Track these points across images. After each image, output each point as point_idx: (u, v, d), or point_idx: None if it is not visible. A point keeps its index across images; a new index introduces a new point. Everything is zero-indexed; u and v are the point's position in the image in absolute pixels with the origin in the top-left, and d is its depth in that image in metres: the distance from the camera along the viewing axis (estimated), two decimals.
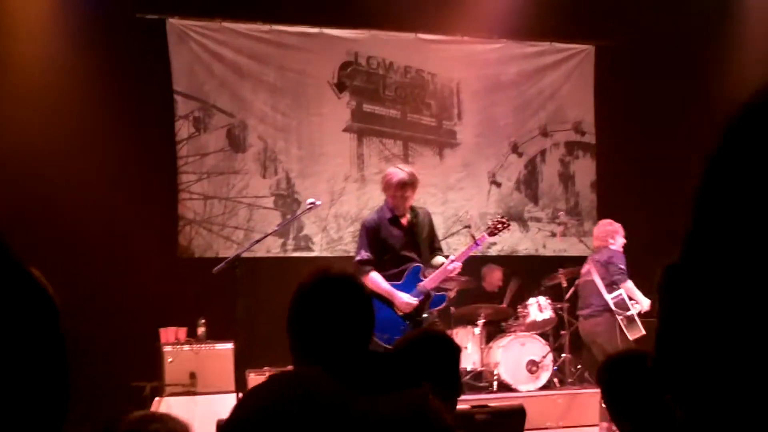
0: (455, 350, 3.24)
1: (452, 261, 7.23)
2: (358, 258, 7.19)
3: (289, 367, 2.67)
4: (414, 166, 11.05)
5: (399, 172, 7.23)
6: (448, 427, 2.48)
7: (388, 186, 7.21)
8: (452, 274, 7.36)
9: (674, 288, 1.76)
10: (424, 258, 7.23)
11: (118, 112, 9.72)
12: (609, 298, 8.79)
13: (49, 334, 2.63)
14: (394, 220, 7.21)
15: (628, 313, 8.72)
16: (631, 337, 8.67)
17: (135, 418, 2.93)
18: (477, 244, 7.54)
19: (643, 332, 8.63)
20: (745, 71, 11.28)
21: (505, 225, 7.71)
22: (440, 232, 10.53)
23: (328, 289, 2.61)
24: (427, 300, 7.18)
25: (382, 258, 7.13)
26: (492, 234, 7.67)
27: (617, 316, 8.72)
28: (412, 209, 7.33)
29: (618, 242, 9.10)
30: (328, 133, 10.97)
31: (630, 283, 8.93)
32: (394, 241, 7.16)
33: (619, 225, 9.21)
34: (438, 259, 7.32)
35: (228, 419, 2.45)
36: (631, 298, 8.94)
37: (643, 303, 8.86)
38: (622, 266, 9.05)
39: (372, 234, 7.18)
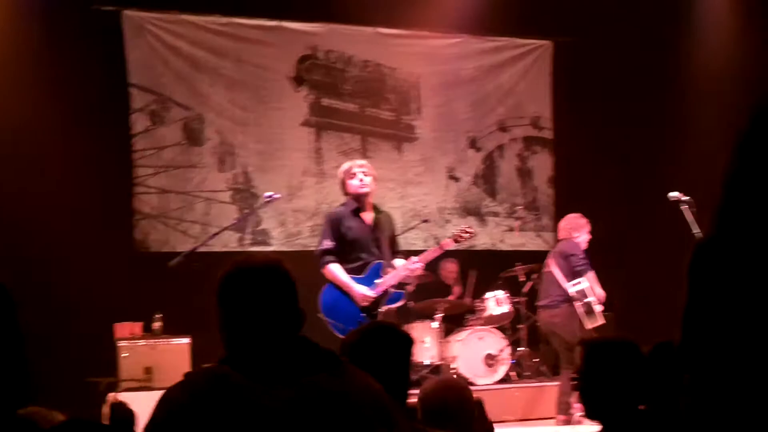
0: (407, 342, 3.23)
1: (414, 261, 7.34)
2: (320, 247, 7.26)
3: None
4: (373, 160, 11.04)
5: (348, 162, 7.54)
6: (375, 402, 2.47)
7: (346, 174, 7.34)
8: (413, 274, 7.44)
9: (705, 264, 1.76)
10: (385, 256, 7.30)
11: (72, 104, 9.59)
12: (569, 286, 8.82)
13: (6, 328, 2.57)
14: (357, 212, 7.30)
15: (587, 300, 8.75)
16: (589, 326, 8.70)
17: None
18: (441, 249, 7.68)
19: (602, 322, 8.66)
20: (702, 67, 11.40)
21: (471, 235, 7.88)
22: (398, 227, 10.57)
23: (243, 278, 2.57)
24: (385, 296, 7.22)
25: (344, 249, 7.17)
26: (456, 241, 7.75)
27: (576, 304, 8.75)
28: (376, 208, 7.40)
29: (582, 237, 9.12)
30: (287, 127, 10.92)
31: (592, 274, 8.97)
32: (357, 233, 7.24)
33: (587, 221, 9.22)
34: (396, 261, 7.37)
35: (147, 422, 2.40)
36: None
37: (600, 295, 8.90)
38: (583, 257, 9.09)
39: (335, 224, 7.30)
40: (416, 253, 10.63)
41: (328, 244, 7.22)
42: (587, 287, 8.79)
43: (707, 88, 11.35)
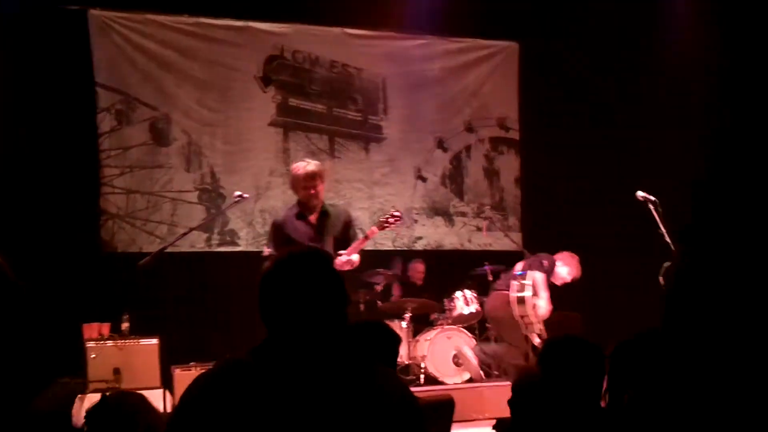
0: (395, 340, 3.25)
1: (341, 254, 7.30)
2: (264, 254, 7.28)
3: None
4: (340, 160, 11.13)
5: (304, 164, 7.41)
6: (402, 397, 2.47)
7: (296, 180, 7.35)
8: (344, 268, 7.32)
9: (681, 275, 1.86)
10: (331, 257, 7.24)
11: (38, 103, 9.54)
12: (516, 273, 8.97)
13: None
14: (301, 216, 7.33)
15: (522, 294, 8.86)
16: (517, 312, 8.83)
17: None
18: (367, 237, 7.55)
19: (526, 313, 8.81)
20: (667, 68, 11.51)
21: (397, 218, 7.75)
22: (366, 227, 10.58)
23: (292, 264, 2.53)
24: None
25: None
26: (381, 228, 7.70)
27: (511, 291, 8.87)
28: (323, 208, 7.38)
29: (560, 273, 9.26)
30: (254, 127, 10.89)
31: (542, 279, 9.03)
32: (299, 236, 7.24)
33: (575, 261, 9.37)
34: (339, 259, 7.34)
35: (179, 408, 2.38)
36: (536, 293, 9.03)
37: (542, 307, 8.96)
38: (546, 262, 9.16)
39: (277, 230, 7.34)
40: (386, 253, 10.73)
41: (267, 251, 7.30)
42: (533, 286, 8.90)
43: (672, 89, 11.48)
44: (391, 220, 7.69)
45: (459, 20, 11.42)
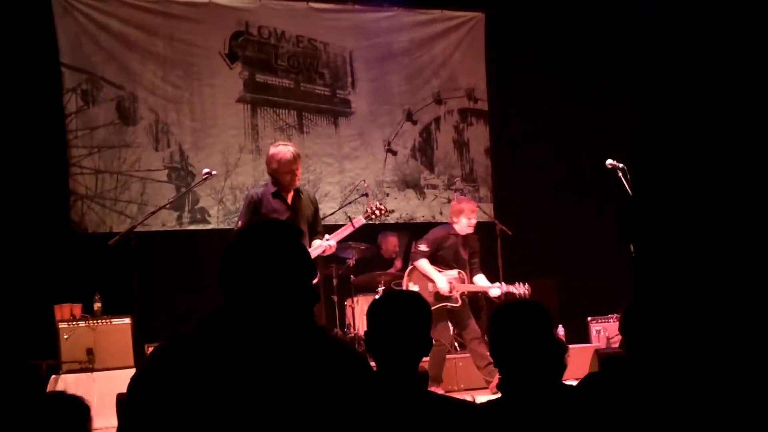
0: (427, 310, 3.27)
1: (327, 239, 7.42)
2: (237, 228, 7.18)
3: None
4: (309, 135, 11.10)
5: (287, 148, 7.39)
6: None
7: (283, 164, 7.28)
8: (328, 253, 7.51)
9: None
10: (304, 236, 7.26)
11: (3, 85, 9.45)
12: None
13: None
14: (278, 195, 7.30)
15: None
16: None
17: None
18: (353, 226, 7.68)
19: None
20: (635, 34, 11.52)
21: (383, 212, 7.95)
22: (337, 202, 10.59)
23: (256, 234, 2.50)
24: None
25: None
26: (368, 218, 7.84)
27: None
28: (297, 190, 7.40)
29: (461, 222, 9.06)
30: (221, 104, 10.84)
31: (421, 265, 9.05)
32: (276, 215, 7.19)
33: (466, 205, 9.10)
34: (315, 242, 7.42)
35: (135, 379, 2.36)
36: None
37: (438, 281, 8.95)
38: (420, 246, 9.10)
39: (253, 205, 7.29)
40: (365, 227, 10.70)
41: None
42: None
43: (640, 57, 11.49)
44: (377, 212, 7.86)
45: None
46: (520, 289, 8.86)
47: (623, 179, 8.00)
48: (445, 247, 8.94)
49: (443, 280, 8.81)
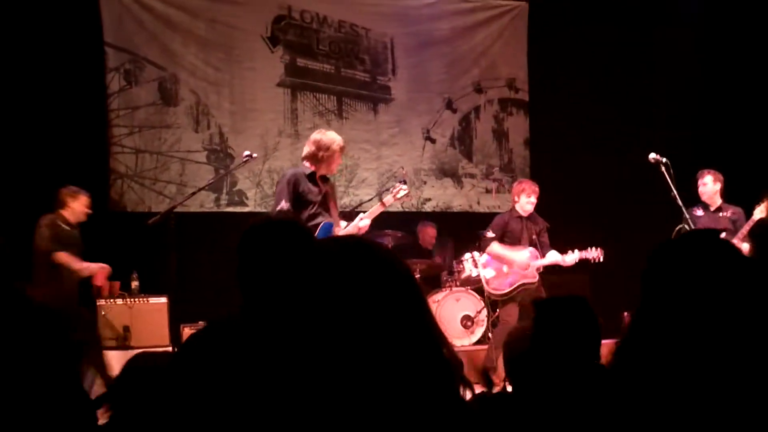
0: (595, 321, 3.26)
1: (362, 218, 7.42)
2: (278, 208, 7.17)
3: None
4: (348, 121, 11.10)
5: (336, 137, 7.34)
6: None
7: (333, 154, 7.24)
8: (362, 231, 7.43)
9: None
10: (334, 218, 7.29)
11: (47, 64, 9.52)
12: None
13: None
14: (312, 177, 7.27)
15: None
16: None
17: None
18: (384, 205, 7.64)
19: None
20: (676, 29, 11.45)
21: (406, 194, 7.86)
22: (374, 188, 10.59)
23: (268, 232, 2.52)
24: None
25: (299, 210, 7.11)
26: (396, 199, 7.79)
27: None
28: (323, 176, 7.42)
29: (521, 201, 9.06)
30: (261, 87, 10.86)
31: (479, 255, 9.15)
32: (312, 196, 7.19)
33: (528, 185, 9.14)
34: (344, 223, 7.43)
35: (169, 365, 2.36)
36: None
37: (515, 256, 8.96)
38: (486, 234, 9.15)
39: (293, 186, 7.23)
40: (395, 215, 10.71)
41: (285, 205, 7.15)
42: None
43: (683, 49, 11.42)
44: (401, 194, 7.77)
45: None
46: (594, 253, 8.83)
47: (666, 174, 7.93)
48: (510, 230, 8.95)
49: (520, 254, 8.80)
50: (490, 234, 8.96)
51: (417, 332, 1.72)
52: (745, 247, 5.18)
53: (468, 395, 1.96)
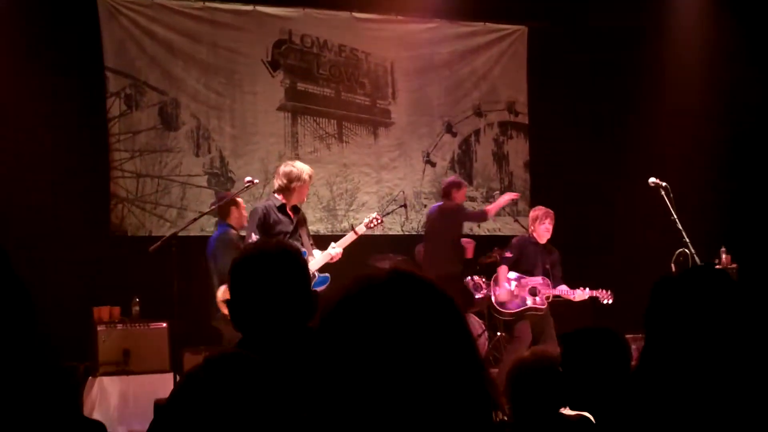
0: (626, 350, 3.26)
1: (334, 247, 7.70)
2: (247, 241, 7.37)
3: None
4: (348, 145, 11.13)
5: (305, 166, 7.65)
6: None
7: (304, 184, 7.48)
8: (334, 260, 7.70)
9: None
10: (306, 247, 7.51)
11: (48, 87, 9.56)
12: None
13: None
14: (282, 209, 7.50)
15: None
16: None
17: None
18: (356, 234, 7.94)
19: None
20: (675, 52, 11.49)
21: (379, 222, 8.25)
22: (374, 212, 10.58)
23: (260, 261, 2.55)
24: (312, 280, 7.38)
25: None
26: (369, 227, 8.12)
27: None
28: (295, 206, 7.67)
29: (539, 229, 9.17)
30: (262, 111, 10.89)
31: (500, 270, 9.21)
32: (283, 227, 7.45)
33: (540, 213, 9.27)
34: (317, 252, 7.70)
35: (167, 404, 2.35)
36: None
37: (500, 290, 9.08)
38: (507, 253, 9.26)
39: (261, 218, 7.44)
40: (395, 238, 10.69)
41: (253, 238, 7.32)
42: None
43: (681, 74, 11.45)
44: (374, 222, 8.14)
45: (467, 4, 11.40)
46: (603, 295, 8.91)
47: (666, 197, 7.95)
48: (526, 254, 9.10)
49: (503, 292, 9.01)
50: (507, 254, 9.09)
51: (465, 364, 1.70)
52: None
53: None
